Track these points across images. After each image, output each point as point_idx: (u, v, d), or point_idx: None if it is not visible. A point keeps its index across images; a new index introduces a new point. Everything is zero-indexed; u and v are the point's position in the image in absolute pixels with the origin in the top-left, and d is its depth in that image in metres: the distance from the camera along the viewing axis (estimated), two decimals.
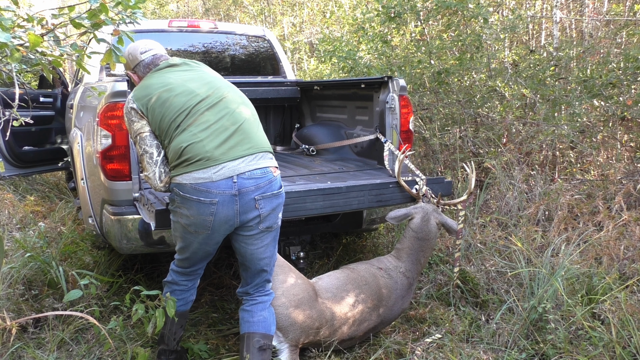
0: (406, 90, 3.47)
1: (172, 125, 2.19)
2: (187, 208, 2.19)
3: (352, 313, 2.68)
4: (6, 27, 1.90)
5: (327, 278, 2.79)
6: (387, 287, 2.84)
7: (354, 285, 2.75)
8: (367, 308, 2.73)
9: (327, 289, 2.70)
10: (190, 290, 2.54)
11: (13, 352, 2.69)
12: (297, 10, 11.38)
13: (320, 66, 9.01)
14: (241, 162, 2.19)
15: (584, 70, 5.21)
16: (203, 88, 2.27)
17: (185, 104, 2.21)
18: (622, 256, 3.42)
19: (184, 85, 2.26)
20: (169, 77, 2.29)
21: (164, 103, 2.21)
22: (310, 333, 2.56)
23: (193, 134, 2.17)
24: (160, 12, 14.26)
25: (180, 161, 2.18)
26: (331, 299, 2.66)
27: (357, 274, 2.83)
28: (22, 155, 4.95)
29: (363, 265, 2.94)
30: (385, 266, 2.93)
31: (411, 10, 5.78)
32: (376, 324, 2.80)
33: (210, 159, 2.14)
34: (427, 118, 6.13)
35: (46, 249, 3.60)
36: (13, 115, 2.47)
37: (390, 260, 2.98)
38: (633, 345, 2.50)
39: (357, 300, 2.71)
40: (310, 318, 2.54)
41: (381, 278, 2.85)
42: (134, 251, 2.93)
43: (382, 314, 2.81)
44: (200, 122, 2.19)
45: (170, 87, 2.24)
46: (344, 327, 2.66)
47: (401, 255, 2.98)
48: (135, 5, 2.24)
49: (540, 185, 4.65)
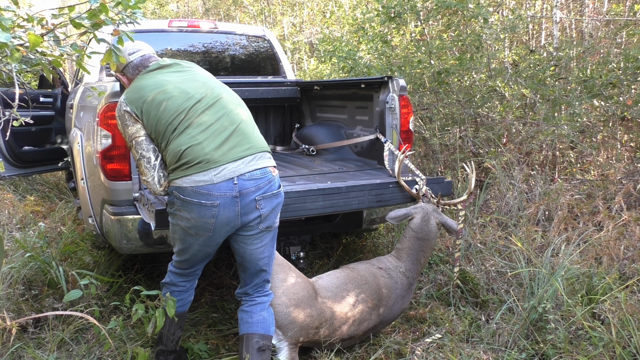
0: (406, 90, 3.47)
1: (169, 128, 2.17)
2: (188, 211, 2.18)
3: (352, 312, 2.68)
4: (6, 27, 1.90)
5: (327, 277, 2.80)
6: (387, 287, 2.84)
7: (354, 284, 2.75)
8: (367, 308, 2.73)
9: (327, 288, 2.70)
10: (189, 291, 2.54)
11: (13, 352, 2.69)
12: (297, 10, 11.38)
13: (320, 66, 9.01)
14: (241, 163, 2.18)
15: (584, 70, 5.21)
16: (199, 89, 2.26)
17: (182, 105, 2.19)
18: (622, 256, 3.42)
19: (178, 86, 2.23)
20: (162, 78, 2.26)
21: (159, 105, 2.18)
22: (309, 332, 2.56)
23: (191, 136, 2.15)
24: (160, 12, 14.26)
25: (180, 164, 2.16)
26: (331, 298, 2.66)
27: (357, 273, 2.83)
28: (22, 155, 4.95)
29: (363, 265, 2.94)
30: (385, 266, 2.94)
31: (411, 10, 5.78)
32: (376, 323, 2.80)
33: (210, 161, 2.13)
34: (427, 118, 6.13)
35: (46, 249, 3.60)
36: (13, 115, 2.47)
37: (391, 260, 2.98)
38: (633, 345, 2.50)
39: (357, 300, 2.71)
40: (310, 317, 2.55)
41: (381, 278, 2.85)
42: (134, 251, 2.93)
43: (382, 314, 2.82)
44: (198, 124, 2.17)
45: (164, 88, 2.21)
46: (343, 327, 2.66)
47: (401, 255, 2.98)
48: (135, 5, 2.24)
49: (540, 185, 4.65)
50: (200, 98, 2.23)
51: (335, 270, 2.90)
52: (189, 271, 2.46)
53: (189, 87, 2.25)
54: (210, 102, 2.24)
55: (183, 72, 2.33)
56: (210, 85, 2.31)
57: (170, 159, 2.19)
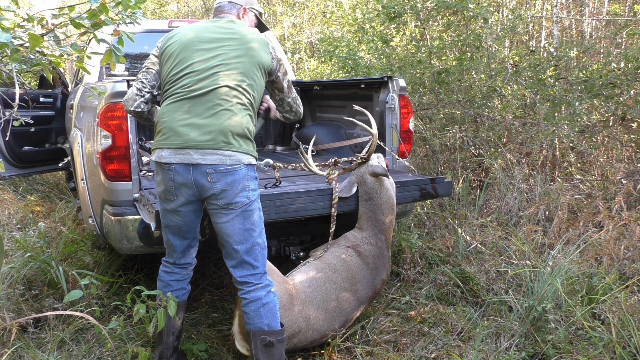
0: (406, 90, 3.47)
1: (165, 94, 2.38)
2: (156, 173, 2.36)
3: (328, 308, 2.67)
4: (6, 27, 1.90)
5: (299, 276, 2.76)
6: (357, 265, 2.84)
7: (324, 278, 2.74)
8: (343, 295, 2.73)
9: (301, 289, 2.67)
10: (184, 281, 2.57)
11: (13, 352, 2.69)
12: (297, 11, 11.38)
13: (320, 66, 9.01)
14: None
15: (584, 70, 5.21)
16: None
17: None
18: (622, 256, 3.42)
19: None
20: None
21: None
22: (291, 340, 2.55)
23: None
24: (160, 12, 14.26)
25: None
26: (305, 302, 2.63)
27: (324, 262, 2.82)
28: (22, 155, 4.95)
29: (330, 249, 2.93)
30: (352, 242, 2.93)
31: (411, 10, 5.78)
32: (359, 304, 2.82)
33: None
34: (427, 118, 6.13)
35: (46, 249, 3.60)
36: (13, 115, 2.47)
37: (355, 234, 2.98)
38: (633, 345, 2.50)
39: (330, 293, 2.71)
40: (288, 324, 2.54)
41: (350, 258, 2.85)
42: (134, 251, 2.93)
43: (361, 292, 2.82)
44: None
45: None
46: (324, 324, 2.66)
47: (362, 224, 2.99)
48: (135, 5, 2.24)
49: (540, 185, 4.66)
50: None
51: (304, 267, 2.86)
52: (175, 256, 2.49)
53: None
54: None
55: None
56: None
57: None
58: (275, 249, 3.25)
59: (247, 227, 2.29)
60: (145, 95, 2.35)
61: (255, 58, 2.32)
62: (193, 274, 2.62)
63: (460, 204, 4.74)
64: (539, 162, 5.29)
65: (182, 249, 2.47)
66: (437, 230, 4.37)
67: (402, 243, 3.90)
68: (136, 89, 2.35)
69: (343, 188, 2.97)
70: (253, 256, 2.33)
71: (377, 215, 2.95)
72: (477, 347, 2.68)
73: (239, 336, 2.55)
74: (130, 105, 2.35)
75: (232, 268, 2.36)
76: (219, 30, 2.35)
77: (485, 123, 5.75)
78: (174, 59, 2.30)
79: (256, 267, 2.35)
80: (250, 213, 2.30)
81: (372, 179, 2.96)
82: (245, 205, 2.27)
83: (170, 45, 2.34)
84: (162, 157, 2.25)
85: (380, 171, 2.95)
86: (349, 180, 3.02)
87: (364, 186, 2.97)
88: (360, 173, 3.02)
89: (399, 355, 2.77)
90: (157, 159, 2.28)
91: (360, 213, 3.00)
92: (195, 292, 3.53)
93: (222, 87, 2.23)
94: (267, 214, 2.61)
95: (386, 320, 3.08)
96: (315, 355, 2.77)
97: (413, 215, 4.63)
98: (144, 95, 2.35)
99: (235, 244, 2.29)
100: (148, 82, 2.36)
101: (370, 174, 2.97)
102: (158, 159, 2.27)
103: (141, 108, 2.35)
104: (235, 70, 2.27)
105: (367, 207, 2.96)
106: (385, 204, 2.96)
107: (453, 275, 3.45)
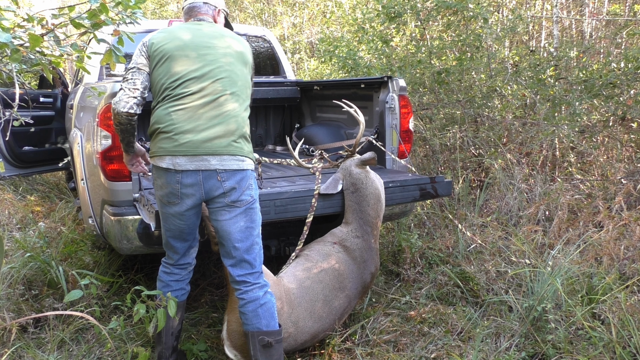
0: (406, 90, 3.47)
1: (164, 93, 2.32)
2: (159, 177, 2.32)
3: (319, 307, 2.66)
4: (6, 27, 1.90)
5: (286, 277, 2.73)
6: (344, 261, 2.82)
7: (312, 278, 2.71)
8: (332, 293, 2.71)
9: (289, 292, 2.64)
10: (184, 281, 2.56)
11: (13, 352, 2.69)
12: (297, 11, 11.38)
13: (320, 66, 9.01)
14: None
15: (584, 70, 5.21)
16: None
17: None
18: (622, 256, 3.42)
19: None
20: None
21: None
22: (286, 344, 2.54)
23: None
24: (160, 12, 14.25)
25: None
26: (294, 305, 2.61)
27: (311, 261, 2.80)
28: (22, 155, 4.95)
29: (317, 247, 2.90)
30: (338, 238, 2.91)
31: (411, 10, 5.78)
32: (349, 301, 2.80)
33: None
34: (427, 118, 6.13)
35: (46, 249, 3.60)
36: (13, 115, 2.47)
37: (342, 229, 2.95)
38: (633, 345, 2.50)
39: (318, 292, 2.68)
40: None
41: (336, 254, 2.83)
42: (134, 251, 2.93)
43: (351, 288, 2.80)
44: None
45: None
46: (316, 325, 2.64)
47: (348, 218, 2.96)
48: (135, 5, 2.24)
49: (540, 185, 4.66)
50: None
51: (291, 266, 2.83)
52: (176, 257, 2.49)
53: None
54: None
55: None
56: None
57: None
58: (275, 249, 3.25)
59: (249, 225, 2.32)
60: (137, 97, 2.25)
61: (244, 58, 2.40)
62: (193, 274, 2.62)
63: (460, 204, 4.74)
64: (539, 162, 5.28)
65: (183, 250, 2.48)
66: (437, 230, 4.37)
67: (402, 243, 3.90)
68: (128, 89, 2.24)
69: (328, 185, 2.95)
70: (252, 255, 2.35)
71: (362, 207, 2.91)
72: (477, 347, 2.68)
73: (228, 342, 2.52)
74: (122, 107, 2.22)
75: (231, 267, 2.37)
76: (208, 35, 2.35)
77: (485, 123, 5.75)
78: (169, 62, 2.25)
79: (254, 266, 2.37)
80: (253, 211, 2.34)
81: (358, 170, 2.94)
82: (249, 203, 2.31)
83: (161, 48, 2.27)
84: (177, 164, 2.21)
85: (368, 156, 2.94)
86: (334, 177, 3.00)
87: (349, 178, 2.94)
88: (345, 166, 3.01)
89: (399, 355, 2.77)
90: (170, 166, 2.22)
91: (346, 206, 2.97)
92: (195, 292, 3.53)
93: (226, 92, 2.27)
94: (267, 214, 2.61)
95: (386, 320, 3.08)
96: (315, 355, 2.77)
97: (413, 215, 4.63)
98: (136, 97, 2.25)
99: (236, 241, 2.31)
100: (141, 84, 2.27)
101: (357, 164, 2.95)
102: (172, 166, 2.21)
103: (134, 110, 2.24)
104: (233, 75, 2.31)
105: (352, 199, 2.93)
106: (371, 195, 2.92)
107: (453, 275, 3.45)
